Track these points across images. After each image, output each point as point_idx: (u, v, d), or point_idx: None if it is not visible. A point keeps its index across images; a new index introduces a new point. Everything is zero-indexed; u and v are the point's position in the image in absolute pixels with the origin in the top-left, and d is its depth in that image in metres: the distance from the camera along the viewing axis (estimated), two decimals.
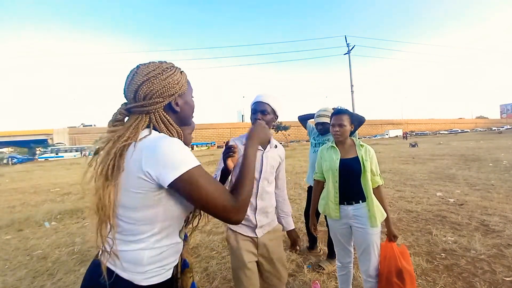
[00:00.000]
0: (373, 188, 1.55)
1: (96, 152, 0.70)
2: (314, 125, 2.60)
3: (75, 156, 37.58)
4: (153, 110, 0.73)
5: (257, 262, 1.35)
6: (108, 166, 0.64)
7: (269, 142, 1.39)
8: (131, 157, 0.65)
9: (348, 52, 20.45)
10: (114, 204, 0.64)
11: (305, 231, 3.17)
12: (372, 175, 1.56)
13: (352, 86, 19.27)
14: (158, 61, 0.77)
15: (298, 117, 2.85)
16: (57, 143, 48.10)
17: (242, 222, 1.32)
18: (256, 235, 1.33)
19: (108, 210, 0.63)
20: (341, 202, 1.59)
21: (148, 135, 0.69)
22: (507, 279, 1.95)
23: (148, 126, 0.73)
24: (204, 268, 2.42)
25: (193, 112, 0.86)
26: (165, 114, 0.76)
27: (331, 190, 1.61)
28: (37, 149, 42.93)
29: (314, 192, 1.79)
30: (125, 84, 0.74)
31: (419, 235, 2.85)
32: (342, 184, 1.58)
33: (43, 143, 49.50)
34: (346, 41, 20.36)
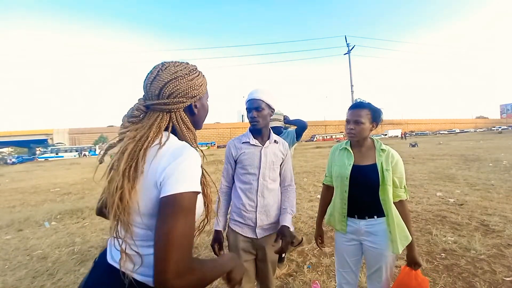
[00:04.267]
0: (394, 203, 1.25)
1: (110, 148, 0.69)
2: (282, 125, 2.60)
3: (75, 156, 37.59)
4: (175, 110, 0.72)
5: (255, 260, 1.36)
6: (131, 167, 0.62)
7: (268, 137, 1.38)
8: (152, 162, 0.63)
9: (348, 52, 20.48)
10: (136, 205, 0.63)
11: (306, 231, 3.18)
12: (394, 187, 1.26)
13: (352, 86, 19.29)
14: (184, 62, 0.77)
15: None
16: (57, 143, 48.13)
17: (243, 221, 1.33)
18: (256, 236, 1.31)
19: (129, 213, 0.62)
20: (351, 215, 1.32)
21: (168, 139, 0.68)
22: (507, 279, 1.94)
23: (167, 126, 0.71)
24: None
25: (206, 115, 0.86)
26: (184, 115, 0.75)
27: (338, 200, 1.36)
28: (37, 149, 42.95)
29: (322, 198, 1.53)
30: (148, 79, 0.72)
31: (419, 235, 2.85)
32: (353, 195, 1.30)
33: (43, 143, 49.52)
34: (346, 41, 20.39)
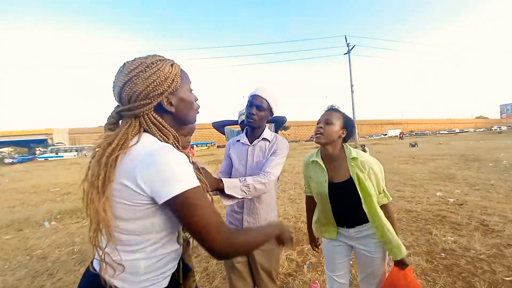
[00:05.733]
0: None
1: (92, 157, 0.66)
2: (239, 127, 2.36)
3: (74, 156, 37.58)
4: (141, 114, 0.66)
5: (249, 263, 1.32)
6: (98, 177, 0.60)
7: (259, 136, 1.33)
8: (124, 168, 0.60)
9: (348, 52, 20.49)
10: (111, 217, 0.61)
11: (305, 231, 3.17)
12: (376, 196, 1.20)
13: (352, 86, 19.29)
14: (144, 56, 0.68)
15: (213, 124, 2.55)
16: (57, 143, 48.04)
17: (232, 222, 1.32)
18: None
19: (108, 223, 0.60)
20: (339, 224, 1.31)
21: (138, 142, 0.64)
22: (507, 279, 1.94)
23: (139, 131, 0.67)
24: (204, 268, 2.42)
25: (193, 108, 0.76)
26: (156, 116, 0.68)
27: (322, 215, 1.33)
28: (37, 149, 42.93)
29: (307, 207, 1.54)
30: (112, 85, 0.67)
31: (419, 235, 2.85)
32: (337, 210, 1.28)
33: (43, 143, 49.46)
34: (346, 41, 20.39)
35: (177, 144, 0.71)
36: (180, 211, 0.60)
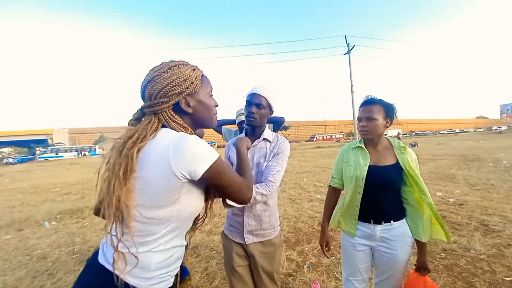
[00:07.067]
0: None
1: (112, 149, 0.70)
2: (236, 127, 2.35)
3: (75, 156, 37.59)
4: (160, 111, 0.71)
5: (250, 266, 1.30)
6: (120, 167, 0.63)
7: (259, 137, 1.29)
8: (154, 158, 0.65)
9: (348, 52, 20.50)
10: (133, 205, 0.64)
11: (305, 231, 3.17)
12: (419, 191, 1.14)
13: (352, 86, 19.30)
14: (170, 60, 0.75)
15: None
16: (57, 143, 48.12)
17: (233, 224, 1.30)
18: (245, 241, 1.24)
19: (129, 212, 0.63)
20: (365, 219, 1.24)
21: (157, 135, 0.69)
22: (507, 279, 1.94)
23: (157, 128, 0.71)
24: (204, 268, 2.42)
25: (211, 113, 0.81)
26: (174, 115, 0.73)
27: (348, 203, 1.27)
28: (37, 149, 42.90)
29: (328, 201, 1.43)
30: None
31: None
32: (368, 198, 1.21)
33: (43, 143, 49.50)
34: (346, 41, 20.41)
35: None
36: (214, 179, 0.69)
